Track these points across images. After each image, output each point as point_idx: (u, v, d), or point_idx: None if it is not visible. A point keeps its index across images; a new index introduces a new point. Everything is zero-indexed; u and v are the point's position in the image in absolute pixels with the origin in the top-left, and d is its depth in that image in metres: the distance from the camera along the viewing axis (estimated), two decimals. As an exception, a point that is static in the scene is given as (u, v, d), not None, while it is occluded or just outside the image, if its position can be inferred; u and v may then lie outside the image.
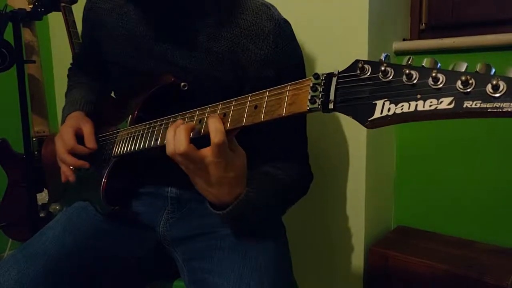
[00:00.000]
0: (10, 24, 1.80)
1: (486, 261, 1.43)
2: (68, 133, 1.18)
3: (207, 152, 0.85)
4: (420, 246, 1.56)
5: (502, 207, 1.53)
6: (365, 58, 1.49)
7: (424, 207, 1.71)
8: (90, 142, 1.18)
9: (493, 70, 0.52)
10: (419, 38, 1.74)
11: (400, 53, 1.66)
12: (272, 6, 1.08)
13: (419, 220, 1.72)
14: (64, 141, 1.19)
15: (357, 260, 1.65)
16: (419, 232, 1.70)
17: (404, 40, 1.72)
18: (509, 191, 1.52)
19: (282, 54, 1.05)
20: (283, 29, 1.06)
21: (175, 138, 0.86)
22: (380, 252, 1.56)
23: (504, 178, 1.52)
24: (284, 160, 1.10)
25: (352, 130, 1.57)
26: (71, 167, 1.21)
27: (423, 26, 1.72)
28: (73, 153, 1.18)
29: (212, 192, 0.92)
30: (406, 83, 0.57)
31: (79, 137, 1.20)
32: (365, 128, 1.51)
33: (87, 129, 1.19)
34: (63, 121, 1.29)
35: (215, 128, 0.83)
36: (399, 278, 1.50)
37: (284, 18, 1.08)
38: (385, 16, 1.58)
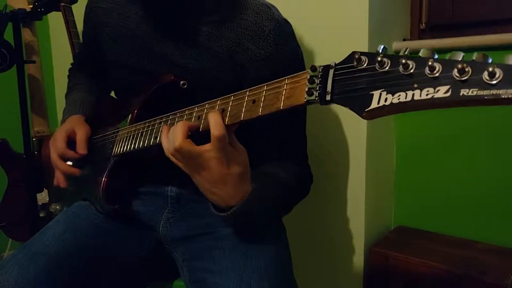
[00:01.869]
0: (10, 24, 1.80)
1: (486, 261, 1.43)
2: (60, 138, 1.19)
3: (207, 147, 0.84)
4: (420, 246, 1.56)
5: (502, 207, 1.53)
6: (365, 57, 1.49)
7: (424, 207, 1.71)
8: (80, 147, 1.18)
9: (490, 60, 0.52)
10: (419, 38, 1.74)
11: (400, 53, 1.66)
12: (273, 6, 1.09)
13: (419, 220, 1.72)
14: (55, 146, 1.20)
15: (357, 260, 1.65)
16: (419, 232, 1.70)
17: (404, 40, 1.72)
18: (510, 191, 1.51)
19: (283, 54, 1.05)
20: (284, 28, 1.06)
21: (170, 134, 0.86)
22: (380, 252, 1.56)
23: (504, 178, 1.52)
24: (285, 160, 1.10)
25: (352, 130, 1.57)
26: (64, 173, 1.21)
27: (423, 26, 1.73)
28: (64, 158, 1.19)
29: (217, 192, 0.90)
30: (403, 73, 0.57)
31: (72, 142, 1.20)
32: (365, 128, 1.51)
33: (80, 134, 1.20)
34: (62, 124, 1.29)
35: (214, 122, 0.83)
36: (399, 278, 1.50)
37: (285, 18, 1.09)
38: (385, 16, 1.58)
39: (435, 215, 1.68)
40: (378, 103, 0.58)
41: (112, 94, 1.43)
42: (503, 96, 0.48)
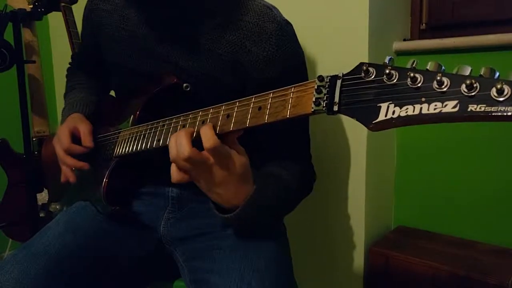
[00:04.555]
0: (10, 24, 1.79)
1: (486, 261, 1.44)
2: (64, 134, 1.19)
3: (207, 154, 0.85)
4: (420, 246, 1.57)
5: (503, 207, 1.54)
6: (366, 58, 1.49)
7: (424, 207, 1.71)
8: (86, 141, 1.18)
9: (497, 74, 0.52)
10: (420, 38, 1.74)
11: (401, 53, 1.66)
12: (274, 7, 1.09)
13: (419, 220, 1.73)
14: (60, 142, 1.19)
15: (357, 260, 1.66)
16: (419, 232, 1.70)
17: (404, 40, 1.72)
18: (510, 191, 1.52)
19: (285, 55, 1.05)
20: (285, 30, 1.06)
21: (177, 144, 0.86)
22: (380, 252, 1.56)
23: (505, 178, 1.53)
24: (287, 160, 1.10)
25: (353, 131, 1.58)
26: (72, 168, 1.21)
27: (423, 26, 1.73)
28: (71, 153, 1.19)
29: (220, 193, 0.91)
30: (411, 86, 0.57)
31: (76, 137, 1.20)
32: (366, 129, 1.52)
33: (84, 128, 1.20)
34: (62, 123, 1.29)
35: (205, 136, 0.84)
36: (399, 278, 1.51)
37: (286, 20, 1.09)
38: (386, 16, 1.58)
39: (435, 215, 1.69)
40: (386, 115, 0.59)
41: (112, 93, 1.42)
42: (510, 114, 0.49)
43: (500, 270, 1.37)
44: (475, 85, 0.52)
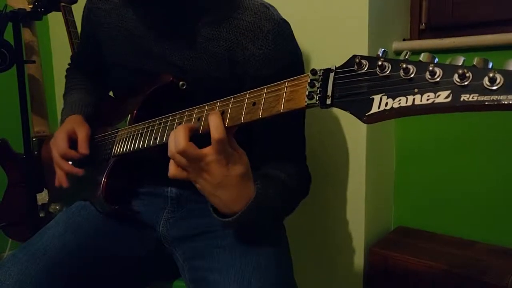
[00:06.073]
0: (10, 24, 1.80)
1: (486, 261, 1.43)
2: (61, 138, 1.19)
3: (208, 150, 0.84)
4: (420, 246, 1.57)
5: (502, 207, 1.53)
6: (364, 57, 1.50)
7: (424, 207, 1.71)
8: (82, 147, 1.18)
9: (491, 64, 0.52)
10: (419, 38, 1.74)
11: (400, 53, 1.66)
12: (271, 6, 1.09)
13: (419, 220, 1.72)
14: (57, 146, 1.20)
15: (357, 260, 1.65)
16: (419, 232, 1.70)
17: (404, 40, 1.72)
18: (509, 191, 1.51)
19: (281, 54, 1.05)
20: (282, 28, 1.06)
21: (175, 137, 0.86)
22: (380, 252, 1.56)
23: (504, 178, 1.52)
24: (283, 162, 1.10)
25: (352, 130, 1.57)
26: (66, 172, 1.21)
27: (423, 26, 1.73)
28: (67, 158, 1.19)
29: (219, 195, 0.89)
30: (404, 77, 0.57)
31: (73, 141, 1.20)
32: (365, 129, 1.51)
33: (81, 134, 1.20)
34: (61, 124, 1.29)
35: (215, 124, 0.82)
36: (399, 278, 1.50)
37: (283, 18, 1.08)
38: (385, 16, 1.58)
39: (435, 215, 1.68)
40: (379, 107, 0.59)
41: (110, 94, 1.42)
42: (503, 102, 0.48)
43: (499, 270, 1.37)
44: (467, 74, 0.51)
